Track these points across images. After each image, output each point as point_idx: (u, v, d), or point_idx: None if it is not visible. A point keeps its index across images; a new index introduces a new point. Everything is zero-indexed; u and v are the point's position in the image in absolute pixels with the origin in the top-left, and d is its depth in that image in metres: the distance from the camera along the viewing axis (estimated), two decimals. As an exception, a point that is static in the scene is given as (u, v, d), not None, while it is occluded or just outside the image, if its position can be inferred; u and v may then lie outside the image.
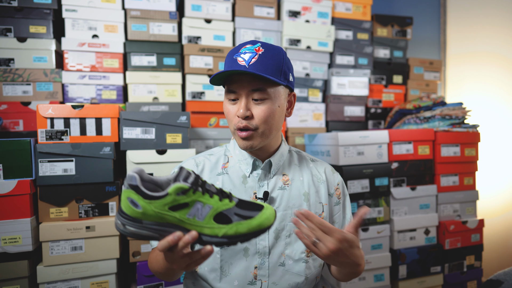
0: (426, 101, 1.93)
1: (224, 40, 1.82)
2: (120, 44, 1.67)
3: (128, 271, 1.59)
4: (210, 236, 0.65)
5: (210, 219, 0.65)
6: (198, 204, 0.65)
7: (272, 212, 0.69)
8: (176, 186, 0.63)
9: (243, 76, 0.85)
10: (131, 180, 0.62)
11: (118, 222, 0.65)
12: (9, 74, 1.54)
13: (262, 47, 0.86)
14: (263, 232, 0.68)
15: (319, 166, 1.01)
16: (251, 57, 0.84)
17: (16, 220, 1.23)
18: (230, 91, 0.88)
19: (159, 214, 0.63)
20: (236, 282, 0.87)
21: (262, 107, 0.86)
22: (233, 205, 0.68)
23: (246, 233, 0.66)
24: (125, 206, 0.63)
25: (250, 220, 0.67)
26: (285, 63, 0.89)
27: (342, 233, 0.72)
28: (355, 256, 0.76)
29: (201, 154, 1.01)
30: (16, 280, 1.24)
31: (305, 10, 1.94)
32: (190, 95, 1.76)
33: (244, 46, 0.87)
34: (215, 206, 0.66)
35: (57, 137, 1.31)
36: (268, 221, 0.68)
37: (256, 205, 0.70)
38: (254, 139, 0.87)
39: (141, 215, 0.63)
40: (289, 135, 1.92)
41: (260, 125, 0.86)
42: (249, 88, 0.85)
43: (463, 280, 1.83)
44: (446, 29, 2.58)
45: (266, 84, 0.85)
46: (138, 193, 0.62)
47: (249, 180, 0.93)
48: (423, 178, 1.77)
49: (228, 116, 0.89)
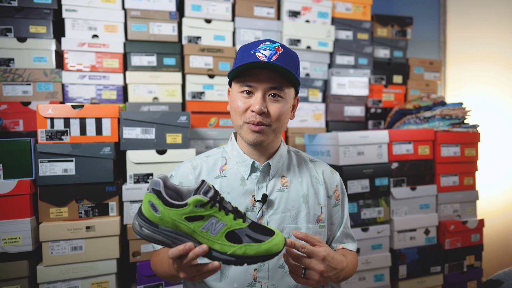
0: (426, 101, 1.93)
1: (224, 40, 1.82)
2: (120, 44, 1.67)
3: (128, 271, 1.59)
4: (219, 252, 0.67)
5: (222, 236, 0.67)
6: (213, 219, 0.66)
7: (282, 239, 0.70)
8: (196, 198, 0.65)
9: (263, 71, 0.84)
10: (155, 185, 0.65)
11: (136, 223, 0.67)
12: (9, 74, 1.54)
13: (281, 47, 0.85)
14: (270, 258, 0.68)
15: (318, 167, 1.01)
16: (272, 54, 0.83)
17: (16, 220, 1.23)
18: (246, 85, 0.85)
19: (176, 222, 0.65)
20: (236, 284, 0.87)
21: (278, 105, 0.86)
22: (245, 226, 0.69)
23: (253, 256, 0.67)
24: (145, 209, 0.66)
25: (260, 244, 0.68)
26: (299, 68, 0.90)
27: (320, 250, 0.76)
28: (340, 263, 0.79)
29: (198, 157, 1.00)
30: (16, 280, 1.24)
31: (305, 10, 1.94)
32: (190, 95, 1.76)
33: (263, 43, 0.86)
34: (228, 224, 0.67)
35: (57, 137, 1.31)
36: (277, 248, 0.68)
37: (268, 230, 0.71)
38: (266, 135, 0.87)
39: (159, 220, 0.65)
40: (289, 135, 1.92)
41: (274, 123, 0.86)
42: (268, 84, 0.84)
43: (463, 280, 1.83)
44: (446, 29, 2.58)
45: (284, 83, 0.86)
46: (159, 198, 0.65)
47: (247, 182, 0.92)
48: (423, 178, 1.77)
49: (238, 109, 0.86)
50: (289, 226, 0.90)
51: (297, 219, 0.91)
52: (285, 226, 0.90)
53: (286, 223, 0.90)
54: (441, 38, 2.59)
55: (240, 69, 0.84)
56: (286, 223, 0.90)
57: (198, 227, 0.66)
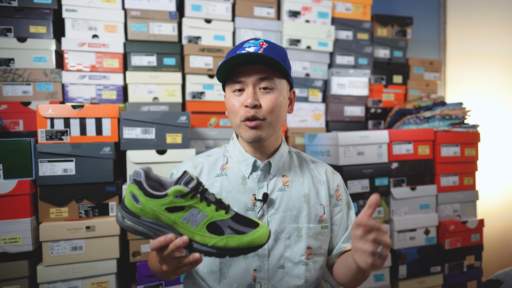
0: (426, 101, 1.93)
1: (224, 40, 1.82)
2: (120, 44, 1.67)
3: (128, 271, 1.59)
4: (200, 244, 0.66)
5: (203, 227, 0.66)
6: (194, 210, 0.66)
7: (266, 231, 0.69)
8: (176, 189, 0.64)
9: (250, 66, 0.85)
10: (137, 175, 0.65)
11: (119, 214, 0.67)
12: (9, 74, 1.54)
13: (265, 43, 0.86)
14: (253, 250, 0.67)
15: (319, 167, 1.01)
16: (257, 49, 0.83)
17: (16, 220, 1.23)
18: (235, 82, 0.86)
19: (156, 212, 0.64)
20: (235, 285, 0.87)
21: (269, 96, 0.85)
22: (228, 218, 0.68)
23: (235, 248, 0.66)
24: (127, 199, 0.66)
25: (242, 235, 0.67)
26: (287, 60, 0.90)
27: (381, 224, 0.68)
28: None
29: (199, 155, 1.00)
30: (16, 280, 1.24)
31: (305, 10, 1.94)
32: (190, 95, 1.76)
33: (247, 41, 0.87)
34: (210, 215, 0.66)
35: (57, 137, 1.31)
36: (260, 240, 0.67)
37: (252, 222, 0.70)
38: (262, 130, 0.86)
39: (140, 211, 0.64)
40: (289, 135, 1.92)
41: (268, 115, 0.86)
42: (256, 76, 0.84)
43: (463, 280, 1.83)
44: (446, 29, 2.58)
45: (273, 73, 0.86)
46: (140, 189, 0.64)
47: (248, 181, 0.92)
48: (423, 178, 1.77)
49: (233, 109, 0.87)
50: (290, 226, 0.90)
51: (298, 219, 0.91)
52: (286, 225, 0.90)
53: (287, 223, 0.90)
54: (441, 38, 2.59)
55: (227, 68, 0.85)
56: (287, 223, 0.90)
57: (178, 218, 0.65)
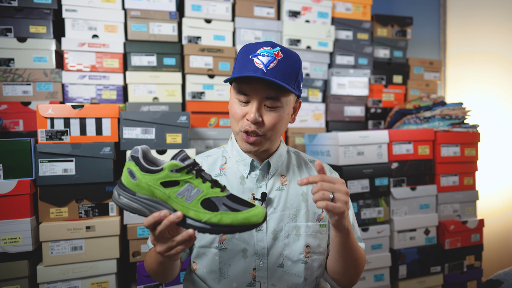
0: (426, 101, 1.93)
1: (224, 40, 1.82)
2: (120, 44, 1.67)
3: (128, 271, 1.59)
4: (194, 219, 0.66)
5: (198, 203, 0.66)
6: (189, 185, 0.66)
7: (262, 211, 0.68)
8: (171, 163, 0.65)
9: (259, 81, 0.82)
10: (135, 152, 0.66)
11: (115, 192, 0.67)
12: (9, 74, 1.54)
13: (281, 52, 0.83)
14: (249, 228, 0.67)
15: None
16: (270, 61, 0.81)
17: (16, 220, 1.23)
18: (242, 93, 0.85)
19: (152, 187, 0.65)
20: (235, 284, 0.87)
21: (273, 114, 0.85)
22: (223, 195, 0.68)
23: (229, 225, 0.65)
24: (124, 176, 0.67)
25: (236, 212, 0.66)
26: (300, 72, 0.88)
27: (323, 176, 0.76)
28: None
29: (198, 156, 1.01)
30: (16, 280, 1.24)
31: (305, 10, 1.94)
32: (190, 95, 1.76)
33: (263, 47, 0.83)
34: (205, 191, 0.67)
35: (57, 137, 1.31)
36: (256, 218, 0.67)
37: (248, 202, 0.70)
38: (260, 145, 0.87)
39: (136, 187, 0.65)
40: (289, 135, 1.92)
41: (268, 132, 0.86)
42: (263, 94, 0.83)
43: (463, 280, 1.83)
44: (446, 29, 2.58)
45: (281, 93, 0.84)
46: (137, 164, 0.65)
47: (247, 181, 0.92)
48: (423, 178, 1.77)
49: (235, 116, 0.87)
50: (288, 225, 0.90)
51: (297, 218, 0.91)
52: (284, 224, 0.90)
53: (285, 222, 0.90)
54: (441, 38, 2.59)
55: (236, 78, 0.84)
56: (285, 222, 0.90)
57: (173, 193, 0.65)
